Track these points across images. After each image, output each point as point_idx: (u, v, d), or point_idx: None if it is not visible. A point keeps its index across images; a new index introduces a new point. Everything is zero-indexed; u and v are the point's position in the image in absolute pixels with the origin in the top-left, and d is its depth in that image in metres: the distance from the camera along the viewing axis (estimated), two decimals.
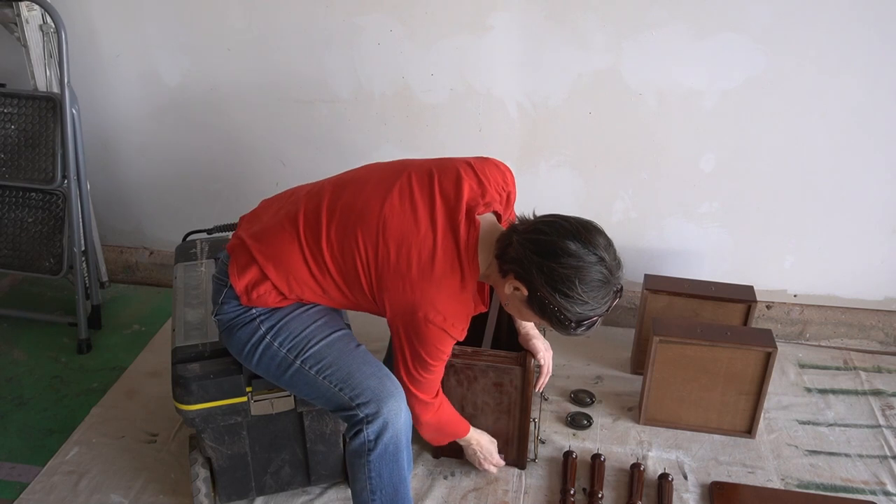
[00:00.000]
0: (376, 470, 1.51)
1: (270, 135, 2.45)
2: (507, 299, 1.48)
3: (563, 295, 1.34)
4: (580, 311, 1.36)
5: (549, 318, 1.41)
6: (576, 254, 1.34)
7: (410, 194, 1.48)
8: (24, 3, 2.19)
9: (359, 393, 1.49)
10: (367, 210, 1.47)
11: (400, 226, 1.45)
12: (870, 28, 1.98)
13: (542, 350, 1.79)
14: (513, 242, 1.40)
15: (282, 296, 1.53)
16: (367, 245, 1.45)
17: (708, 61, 2.09)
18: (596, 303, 1.37)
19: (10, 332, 2.51)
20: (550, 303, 1.36)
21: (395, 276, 1.43)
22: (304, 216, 1.51)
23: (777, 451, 1.99)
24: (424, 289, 1.42)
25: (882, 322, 2.39)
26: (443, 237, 1.44)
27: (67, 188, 2.31)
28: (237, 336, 1.56)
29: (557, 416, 2.12)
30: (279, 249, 1.51)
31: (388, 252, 1.44)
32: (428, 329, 1.44)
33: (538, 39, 2.14)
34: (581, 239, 1.35)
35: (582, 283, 1.33)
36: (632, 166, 2.27)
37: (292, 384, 1.56)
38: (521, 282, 1.39)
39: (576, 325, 1.39)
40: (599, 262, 1.35)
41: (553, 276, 1.34)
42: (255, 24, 2.28)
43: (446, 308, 1.43)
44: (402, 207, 1.47)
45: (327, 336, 1.54)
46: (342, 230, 1.48)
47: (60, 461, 1.97)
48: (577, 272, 1.33)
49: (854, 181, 2.20)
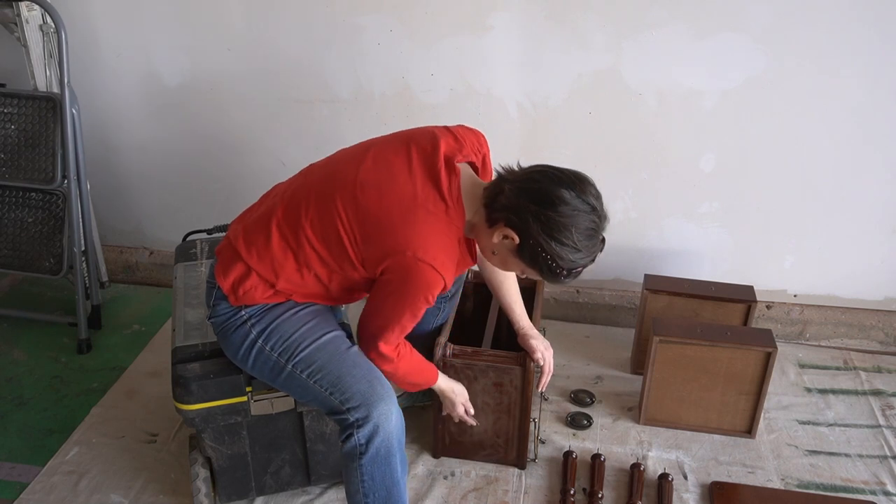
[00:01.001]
0: (369, 473, 1.51)
1: (270, 135, 2.45)
2: (493, 249, 1.47)
3: (558, 243, 1.36)
4: (573, 259, 1.38)
5: (538, 267, 1.41)
6: (571, 202, 1.36)
7: (385, 157, 1.49)
8: (24, 3, 2.19)
9: (349, 397, 1.48)
10: (342, 177, 1.48)
11: (377, 180, 1.45)
12: (870, 28, 1.98)
13: (541, 349, 1.79)
14: (504, 191, 1.41)
15: (268, 286, 1.51)
16: (346, 206, 1.44)
17: (708, 61, 2.09)
18: (587, 251, 1.39)
19: (10, 332, 2.51)
20: (544, 250, 1.37)
21: (378, 224, 1.42)
22: (282, 204, 1.52)
23: (777, 451, 1.99)
24: (410, 228, 1.40)
25: (882, 322, 2.39)
26: (422, 183, 1.43)
27: (67, 188, 2.31)
28: (231, 339, 1.56)
29: (557, 416, 2.12)
30: (260, 240, 1.51)
31: (368, 205, 1.42)
32: (418, 268, 1.39)
33: (538, 39, 2.14)
34: (575, 188, 1.37)
35: (577, 231, 1.36)
36: (632, 166, 2.27)
37: (286, 387, 1.56)
38: (514, 230, 1.39)
39: (566, 273, 1.40)
40: (592, 211, 1.38)
41: (549, 223, 1.35)
42: (255, 24, 2.28)
43: (435, 246, 1.40)
44: (378, 166, 1.47)
45: (318, 339, 1.53)
46: (320, 201, 1.47)
47: (60, 461, 1.97)
48: (572, 220, 1.36)
49: (854, 181, 2.20)
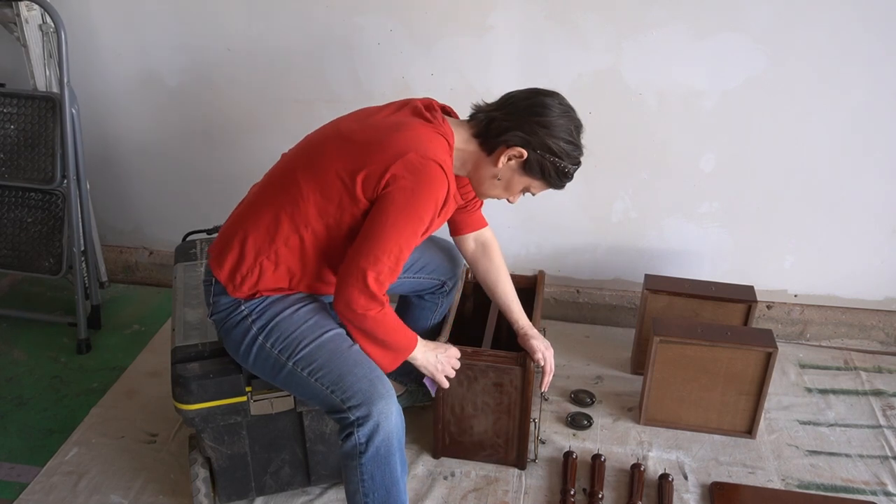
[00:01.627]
0: (368, 472, 1.51)
1: (270, 135, 2.45)
2: (496, 174, 1.54)
3: (563, 141, 1.49)
4: (576, 154, 1.53)
5: (546, 174, 1.53)
6: (558, 106, 1.51)
7: (361, 113, 1.58)
8: (23, 3, 2.19)
9: (349, 395, 1.48)
10: (322, 136, 1.55)
11: (359, 123, 1.52)
12: (870, 28, 1.98)
13: (541, 350, 1.78)
14: (496, 117, 1.51)
15: (264, 262, 1.50)
16: (337, 147, 1.48)
17: (708, 61, 2.09)
18: (581, 146, 1.54)
19: (9, 332, 2.50)
20: (552, 153, 1.49)
21: (372, 143, 1.45)
22: (266, 181, 1.57)
23: (777, 452, 1.99)
24: (405, 136, 1.45)
25: (882, 322, 2.39)
26: (404, 115, 1.52)
27: (67, 188, 2.31)
28: (232, 336, 1.56)
29: (557, 416, 2.11)
30: (250, 216, 1.53)
31: (358, 135, 1.48)
32: (424, 166, 1.40)
33: (538, 39, 2.14)
34: (555, 96, 1.53)
35: (574, 128, 1.52)
36: (632, 166, 2.27)
37: (286, 385, 1.56)
38: (520, 146, 1.49)
39: (572, 171, 1.54)
40: (573, 110, 1.54)
41: (553, 128, 1.48)
42: (255, 24, 2.28)
43: (434, 146, 1.45)
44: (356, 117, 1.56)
45: (319, 336, 1.53)
46: (308, 159, 1.51)
47: (60, 461, 1.97)
48: (567, 120, 1.51)
49: (854, 181, 2.19)
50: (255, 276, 1.52)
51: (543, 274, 2.12)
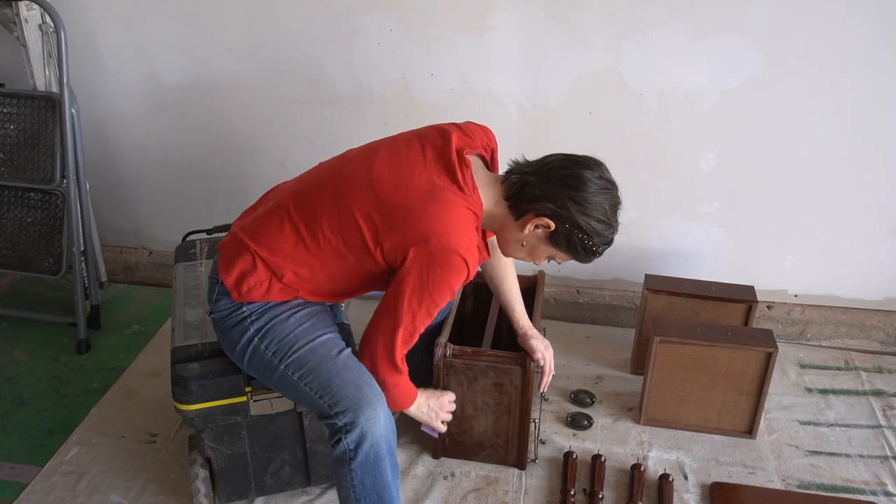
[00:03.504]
0: (359, 478, 1.50)
1: (270, 135, 2.45)
2: (521, 240, 1.51)
3: (595, 220, 1.44)
4: (607, 233, 1.48)
5: (573, 249, 1.49)
6: (597, 182, 1.45)
7: (397, 152, 1.51)
8: (23, 3, 2.19)
9: (337, 401, 1.47)
10: (356, 175, 1.49)
11: (393, 174, 1.47)
12: (870, 28, 1.98)
13: (541, 350, 1.78)
14: (530, 182, 1.46)
15: (272, 281, 1.50)
16: (365, 200, 1.44)
17: (708, 61, 2.08)
18: (615, 225, 1.49)
19: (9, 332, 2.50)
20: (581, 230, 1.45)
21: (399, 213, 1.42)
22: (293, 199, 1.52)
23: (778, 452, 1.99)
24: (432, 215, 1.41)
25: (882, 322, 2.39)
26: (437, 172, 1.46)
27: (67, 188, 2.31)
28: (230, 336, 1.56)
29: (557, 416, 2.11)
30: (270, 231, 1.51)
31: (387, 196, 1.44)
32: (444, 256, 1.39)
33: (538, 39, 2.14)
34: (595, 169, 1.47)
35: (609, 208, 1.46)
36: (632, 166, 2.27)
37: (279, 387, 1.56)
38: (549, 217, 1.45)
39: (601, 249, 1.49)
40: (614, 187, 1.49)
41: (586, 205, 1.43)
42: (255, 24, 2.28)
43: (459, 233, 1.41)
44: (391, 161, 1.49)
45: (312, 340, 1.52)
46: (336, 200, 1.47)
47: (60, 461, 1.97)
48: (604, 198, 1.45)
49: (854, 181, 2.19)
50: (262, 290, 1.52)
51: (543, 274, 2.12)
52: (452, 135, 1.50)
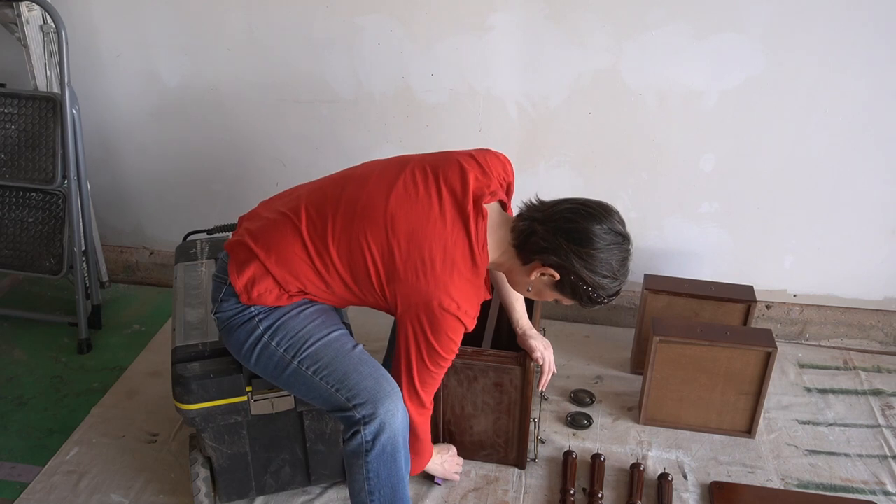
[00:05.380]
0: (374, 470, 1.51)
1: (270, 135, 2.45)
2: (527, 285, 1.53)
3: (599, 275, 1.44)
4: (613, 286, 1.47)
5: (579, 298, 1.49)
6: (605, 237, 1.43)
7: (415, 188, 1.50)
8: (24, 3, 2.20)
9: (355, 394, 1.49)
10: (371, 205, 1.49)
11: (408, 219, 1.47)
12: (870, 28, 1.98)
13: (540, 349, 1.78)
14: (537, 231, 1.45)
15: (282, 291, 1.52)
16: (376, 240, 1.46)
17: (708, 61, 2.09)
18: (624, 277, 1.48)
19: (10, 332, 2.51)
20: (585, 283, 1.44)
21: (407, 269, 1.44)
22: (306, 213, 1.52)
23: (777, 451, 1.99)
24: (438, 279, 1.43)
25: (882, 322, 2.39)
26: (452, 228, 1.46)
27: (67, 188, 2.32)
28: (236, 335, 1.56)
29: (557, 416, 2.12)
30: (281, 245, 1.51)
31: (399, 246, 1.45)
32: (444, 318, 1.44)
33: (538, 39, 2.14)
34: (605, 221, 1.44)
35: (617, 263, 1.45)
36: (632, 166, 2.27)
37: (290, 384, 1.56)
38: (554, 268, 1.45)
39: (607, 300, 1.49)
40: (624, 240, 1.47)
41: (591, 261, 1.42)
42: (255, 24, 2.28)
43: (460, 296, 1.45)
44: (409, 201, 1.48)
45: (325, 336, 1.54)
46: (348, 227, 1.48)
47: (60, 461, 1.97)
48: (609, 254, 1.43)
49: (854, 181, 2.20)
50: (272, 296, 1.53)
51: None
52: (470, 176, 1.49)
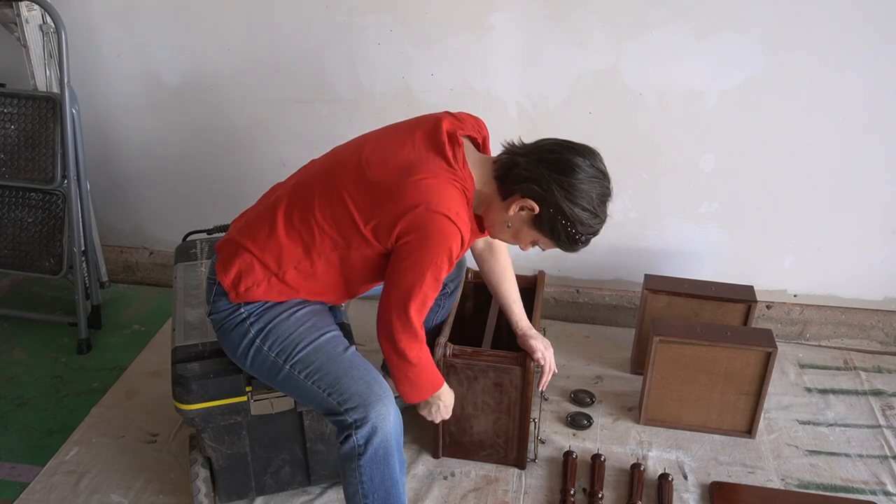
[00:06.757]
0: (367, 474, 1.51)
1: (270, 135, 2.45)
2: (507, 221, 1.50)
3: (580, 208, 1.42)
4: (592, 224, 1.45)
5: (556, 235, 1.47)
6: (587, 169, 1.43)
7: (387, 137, 1.52)
8: (24, 3, 2.20)
9: (347, 398, 1.48)
10: (346, 162, 1.50)
11: (380, 154, 1.47)
12: (870, 28, 1.98)
13: (541, 349, 1.78)
14: (519, 163, 1.45)
15: (269, 282, 1.50)
16: (354, 183, 1.45)
17: (708, 61, 2.09)
18: (603, 216, 1.47)
19: (10, 332, 2.51)
20: (564, 217, 1.42)
21: (386, 190, 1.42)
22: (287, 195, 1.53)
23: (777, 451, 1.99)
24: (418, 185, 1.40)
25: (882, 322, 2.39)
26: (426, 151, 1.45)
27: (67, 188, 2.31)
28: (230, 338, 1.56)
29: (557, 416, 2.12)
30: (265, 229, 1.51)
31: (375, 175, 1.44)
32: (433, 220, 1.38)
33: (538, 39, 2.14)
34: (588, 157, 1.45)
35: (597, 197, 1.44)
36: (632, 166, 2.27)
37: (284, 387, 1.56)
38: (535, 200, 1.43)
39: (584, 238, 1.47)
40: (605, 177, 1.46)
41: (572, 191, 1.41)
42: (255, 24, 2.28)
43: (447, 199, 1.40)
44: (380, 146, 1.50)
45: (316, 339, 1.53)
46: (327, 185, 1.48)
47: (60, 461, 1.97)
48: (592, 187, 1.43)
49: (854, 181, 2.20)
50: (260, 289, 1.52)
51: (543, 274, 2.12)
52: (444, 120, 1.50)
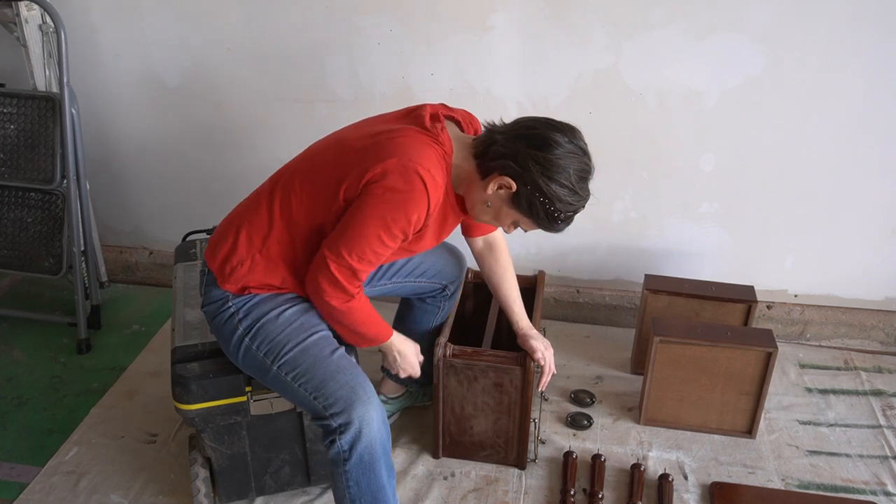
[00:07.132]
0: (354, 479, 1.50)
1: (270, 135, 2.45)
2: (486, 200, 1.47)
3: (557, 184, 1.39)
4: (570, 201, 1.42)
5: (535, 214, 1.44)
6: (566, 145, 1.40)
7: (368, 120, 1.56)
8: (23, 3, 2.19)
9: (331, 402, 1.47)
10: (325, 142, 1.55)
11: (359, 129, 1.50)
12: (870, 28, 1.98)
13: (541, 349, 1.78)
14: (497, 140, 1.43)
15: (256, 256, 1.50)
16: (333, 152, 1.47)
17: (708, 61, 2.09)
18: (583, 193, 1.44)
19: (10, 332, 2.50)
20: (542, 194, 1.40)
21: (361, 150, 1.42)
22: (270, 179, 1.56)
23: (777, 452, 1.99)
24: (394, 141, 1.40)
25: (882, 322, 2.39)
26: (405, 124, 1.46)
27: (67, 188, 2.31)
28: (222, 332, 1.56)
29: (557, 416, 2.11)
30: (251, 210, 1.53)
31: (351, 142, 1.45)
32: (403, 174, 1.35)
33: (538, 39, 2.14)
34: (567, 134, 1.42)
35: (575, 173, 1.40)
36: (632, 166, 2.27)
37: (274, 387, 1.56)
38: (512, 177, 1.41)
39: (563, 217, 1.44)
40: (584, 154, 1.43)
41: (548, 165, 1.38)
42: (255, 24, 2.28)
43: (422, 156, 1.38)
44: (360, 125, 1.54)
45: (303, 340, 1.51)
46: (305, 161, 1.52)
47: (60, 461, 1.97)
48: (568, 162, 1.39)
49: (854, 181, 2.20)
50: (245, 268, 1.51)
51: (544, 274, 2.12)
52: (430, 104, 1.52)
